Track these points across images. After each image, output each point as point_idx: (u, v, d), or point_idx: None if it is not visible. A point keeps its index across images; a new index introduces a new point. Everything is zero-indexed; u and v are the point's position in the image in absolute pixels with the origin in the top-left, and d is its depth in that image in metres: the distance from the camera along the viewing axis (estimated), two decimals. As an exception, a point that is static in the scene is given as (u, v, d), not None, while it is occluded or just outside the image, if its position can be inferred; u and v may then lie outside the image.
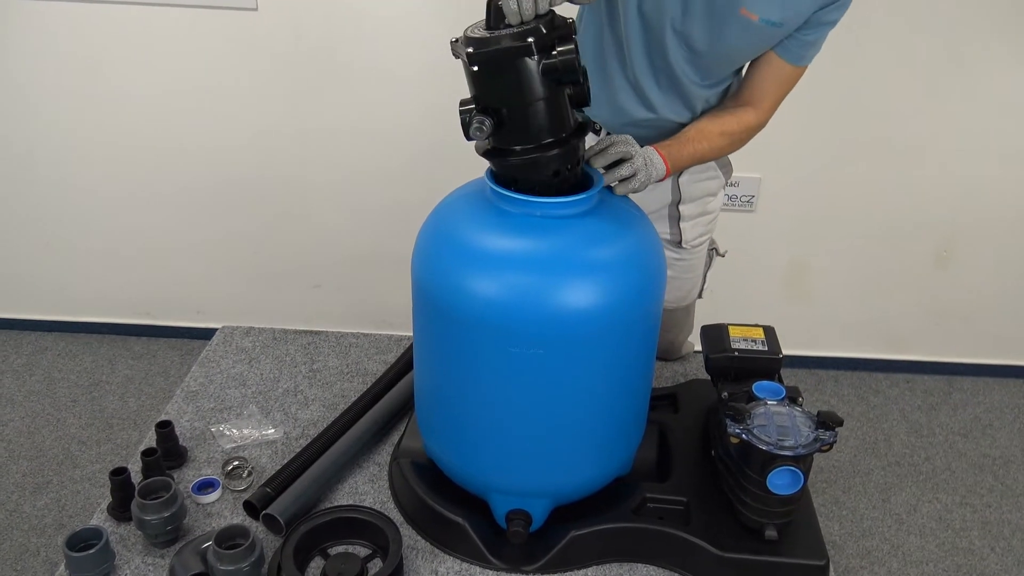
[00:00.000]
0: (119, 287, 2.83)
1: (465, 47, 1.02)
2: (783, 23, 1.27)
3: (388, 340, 1.71)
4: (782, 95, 1.42)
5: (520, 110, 1.05)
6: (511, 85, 1.03)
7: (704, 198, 1.57)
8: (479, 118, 1.04)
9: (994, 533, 2.25)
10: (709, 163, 1.52)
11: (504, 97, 1.05)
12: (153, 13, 2.33)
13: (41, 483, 2.30)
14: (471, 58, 1.02)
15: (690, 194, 1.55)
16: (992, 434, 2.60)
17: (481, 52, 1.01)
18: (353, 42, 2.37)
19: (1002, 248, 2.62)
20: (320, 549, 1.21)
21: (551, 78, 1.03)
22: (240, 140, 2.53)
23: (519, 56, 1.01)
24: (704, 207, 1.58)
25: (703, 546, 1.19)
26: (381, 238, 2.65)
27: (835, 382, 2.81)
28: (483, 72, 1.03)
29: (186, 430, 1.45)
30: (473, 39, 1.02)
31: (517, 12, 0.99)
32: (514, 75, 1.02)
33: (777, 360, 1.30)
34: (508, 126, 1.06)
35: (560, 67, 1.01)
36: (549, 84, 1.03)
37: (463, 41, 1.03)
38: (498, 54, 1.01)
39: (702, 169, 1.53)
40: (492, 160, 1.11)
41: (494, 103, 1.05)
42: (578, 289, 1.06)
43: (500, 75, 1.03)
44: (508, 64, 1.02)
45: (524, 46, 1.00)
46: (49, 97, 2.48)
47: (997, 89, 2.36)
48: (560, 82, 1.04)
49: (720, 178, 1.58)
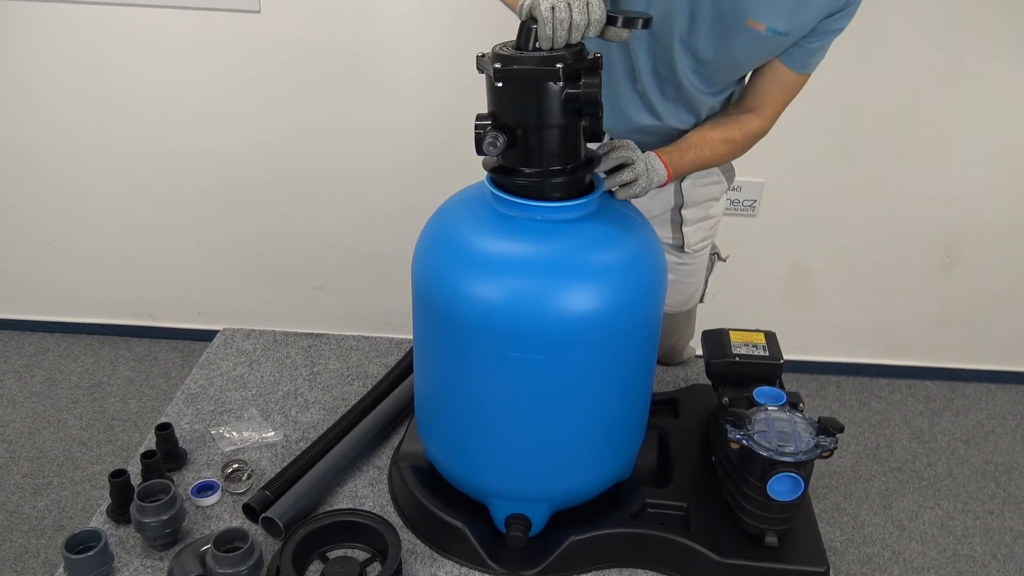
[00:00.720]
0: (121, 288, 2.83)
1: (492, 63, 1.04)
2: (789, 32, 1.27)
3: (389, 343, 1.71)
4: (786, 102, 1.42)
5: (535, 133, 1.07)
6: (531, 107, 1.05)
7: (707, 203, 1.57)
8: (493, 134, 1.05)
9: (996, 540, 2.25)
10: (712, 167, 1.52)
11: (522, 118, 1.06)
12: (155, 15, 2.34)
13: (41, 484, 2.30)
14: (497, 74, 1.03)
15: (692, 198, 1.55)
16: (994, 440, 2.60)
17: (508, 70, 1.03)
18: (355, 45, 2.37)
19: (1005, 253, 2.61)
20: (319, 553, 1.21)
21: (571, 107, 1.04)
22: (242, 142, 2.53)
23: (545, 80, 1.03)
24: (707, 212, 1.58)
25: (703, 552, 1.18)
26: (383, 240, 2.65)
27: (837, 387, 2.80)
28: (506, 90, 1.05)
29: (186, 432, 1.45)
30: (502, 56, 1.04)
31: (550, 38, 1.02)
32: (536, 98, 1.04)
33: (778, 365, 1.29)
34: (520, 146, 1.07)
35: (583, 98, 1.03)
36: (568, 113, 1.05)
37: (491, 57, 1.05)
38: (525, 75, 1.03)
39: (705, 174, 1.53)
40: (497, 176, 1.11)
41: (511, 122, 1.07)
42: (578, 293, 1.06)
43: (522, 95, 1.05)
44: (532, 86, 1.04)
45: (552, 71, 1.02)
46: (51, 98, 2.49)
47: (1001, 93, 2.36)
48: (579, 113, 1.06)
49: (723, 183, 1.58)
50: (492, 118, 1.08)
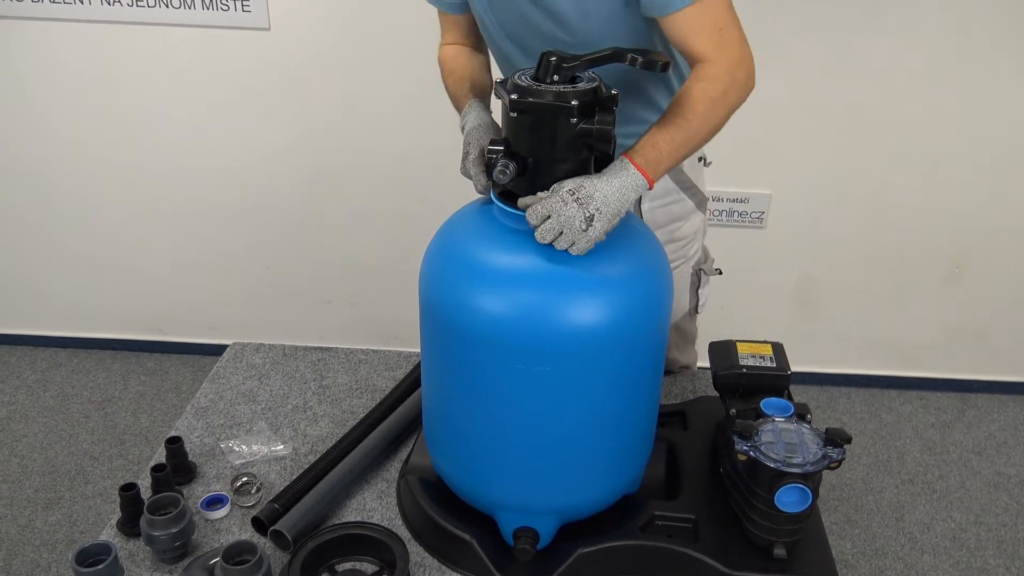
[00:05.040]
0: (132, 304, 2.85)
1: (509, 93, 1.05)
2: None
3: (397, 356, 1.71)
4: (708, 37, 1.18)
5: (546, 164, 1.08)
6: (544, 139, 1.06)
7: (671, 224, 1.50)
8: (504, 161, 1.07)
9: (1009, 552, 2.23)
10: (671, 188, 1.46)
11: (534, 148, 1.08)
12: (166, 33, 2.36)
13: (53, 498, 2.31)
14: (513, 105, 1.05)
15: (654, 221, 1.46)
16: (1007, 452, 2.58)
17: (524, 102, 1.04)
18: (364, 61, 2.39)
19: (1015, 264, 2.60)
20: (328, 565, 1.21)
21: (583, 142, 1.06)
22: (252, 158, 2.55)
23: (559, 114, 1.04)
24: (672, 235, 1.51)
25: (712, 564, 1.18)
26: (392, 254, 2.66)
27: (847, 399, 2.79)
28: (520, 120, 1.06)
29: (196, 446, 1.45)
30: (519, 87, 1.05)
31: None
32: (550, 130, 1.05)
33: (785, 377, 1.29)
34: (530, 175, 1.09)
35: (595, 134, 1.05)
36: (580, 147, 1.06)
37: (509, 87, 1.06)
38: (540, 107, 1.04)
39: (663, 194, 1.46)
40: (504, 201, 1.12)
41: (522, 151, 1.08)
42: (584, 306, 1.06)
43: (536, 127, 1.06)
44: (547, 119, 1.05)
45: (567, 107, 1.03)
46: (63, 115, 2.52)
47: (1008, 103, 2.35)
48: (590, 148, 1.07)
49: (686, 201, 1.50)
50: (504, 144, 1.09)
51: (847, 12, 2.21)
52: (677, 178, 1.49)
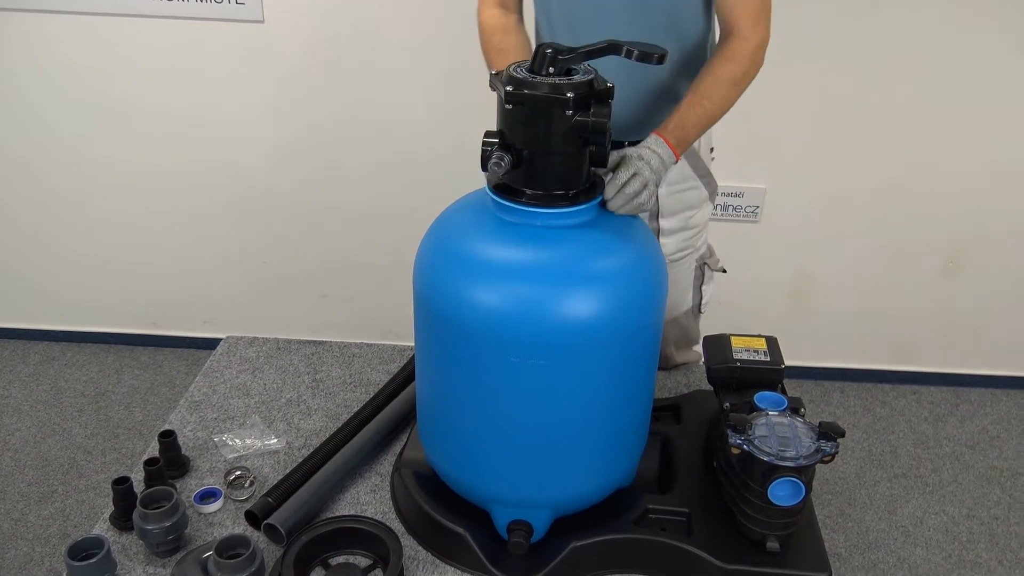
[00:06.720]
0: (126, 297, 2.84)
1: (504, 85, 1.04)
2: None
3: (391, 350, 1.71)
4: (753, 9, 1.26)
5: (541, 156, 1.07)
6: (539, 131, 1.06)
7: (685, 212, 1.53)
8: (499, 154, 1.06)
9: (1001, 546, 2.24)
10: (688, 174, 1.49)
11: (529, 141, 1.07)
12: (160, 26, 2.35)
13: (46, 492, 2.30)
14: (508, 97, 1.04)
15: (670, 207, 1.51)
16: (1000, 446, 2.59)
17: (519, 94, 1.03)
18: (359, 54, 2.38)
19: (1009, 258, 2.61)
20: (321, 559, 1.21)
21: (579, 135, 1.05)
22: (246, 151, 2.54)
23: (555, 107, 1.03)
24: (686, 222, 1.54)
25: (705, 558, 1.18)
26: (388, 248, 2.65)
27: (841, 393, 2.80)
28: (516, 112, 1.05)
29: (189, 440, 1.45)
30: (514, 79, 1.04)
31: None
32: (545, 123, 1.05)
33: (779, 371, 1.29)
34: (525, 168, 1.08)
35: (591, 127, 1.04)
36: (575, 140, 1.05)
37: (504, 78, 1.05)
38: (535, 100, 1.03)
39: (680, 180, 1.49)
40: (500, 195, 1.11)
41: (518, 143, 1.07)
42: (579, 299, 1.06)
43: (531, 119, 1.05)
44: (542, 111, 1.04)
45: (562, 99, 1.02)
46: (58, 108, 2.50)
47: (1005, 99, 2.36)
48: (586, 141, 1.06)
49: (701, 189, 1.54)
50: (499, 137, 1.08)
51: (844, 6, 2.22)
52: (694, 164, 1.49)
